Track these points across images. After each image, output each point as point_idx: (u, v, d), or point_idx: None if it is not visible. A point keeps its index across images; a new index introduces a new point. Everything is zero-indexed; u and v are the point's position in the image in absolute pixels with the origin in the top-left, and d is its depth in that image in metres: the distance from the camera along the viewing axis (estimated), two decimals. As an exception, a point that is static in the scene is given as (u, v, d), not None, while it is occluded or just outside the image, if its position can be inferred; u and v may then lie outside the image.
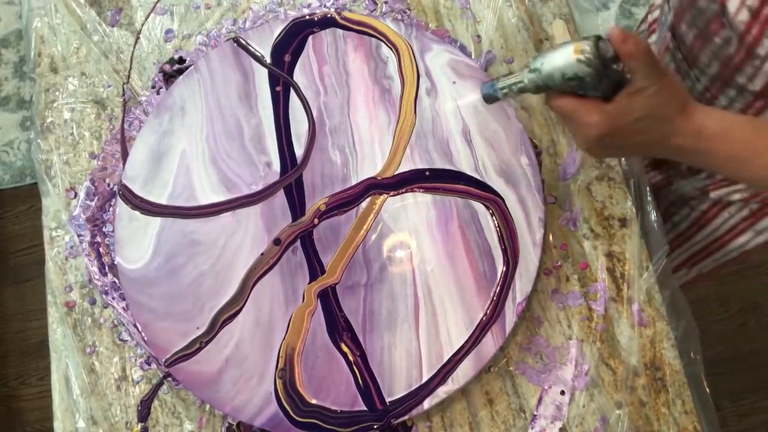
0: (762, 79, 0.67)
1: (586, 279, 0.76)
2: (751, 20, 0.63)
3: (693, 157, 0.57)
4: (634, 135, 0.54)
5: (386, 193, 0.77)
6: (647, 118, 0.53)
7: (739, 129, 0.53)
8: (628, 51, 0.50)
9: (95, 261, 0.78)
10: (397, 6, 0.86)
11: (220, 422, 0.73)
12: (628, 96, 0.52)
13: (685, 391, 0.72)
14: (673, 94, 0.53)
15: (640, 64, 0.51)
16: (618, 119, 0.53)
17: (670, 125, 0.54)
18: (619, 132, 0.53)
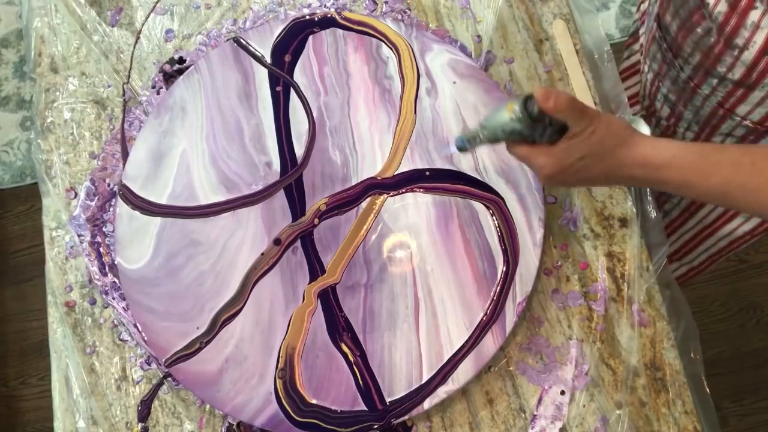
0: (741, 69, 0.68)
1: (586, 279, 0.76)
2: (729, 11, 0.65)
3: (647, 184, 0.62)
4: (581, 171, 0.59)
5: (386, 193, 0.77)
6: (588, 156, 0.58)
7: (685, 156, 0.57)
8: (550, 107, 0.56)
9: (95, 261, 0.78)
10: (398, 6, 0.86)
11: (220, 422, 0.73)
12: (568, 140, 0.58)
13: (685, 391, 0.72)
14: (609, 132, 0.58)
15: (568, 115, 0.57)
16: (563, 160, 0.59)
17: (614, 159, 0.58)
18: (567, 170, 0.59)
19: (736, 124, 0.75)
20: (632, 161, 0.58)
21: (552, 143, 0.59)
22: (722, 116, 0.75)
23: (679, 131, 0.84)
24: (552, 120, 0.58)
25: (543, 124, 0.58)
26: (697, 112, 0.78)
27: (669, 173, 0.57)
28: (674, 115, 0.83)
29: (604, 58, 0.84)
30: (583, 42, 0.84)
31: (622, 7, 1.74)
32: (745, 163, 0.54)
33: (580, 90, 0.82)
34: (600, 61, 0.84)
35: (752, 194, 0.54)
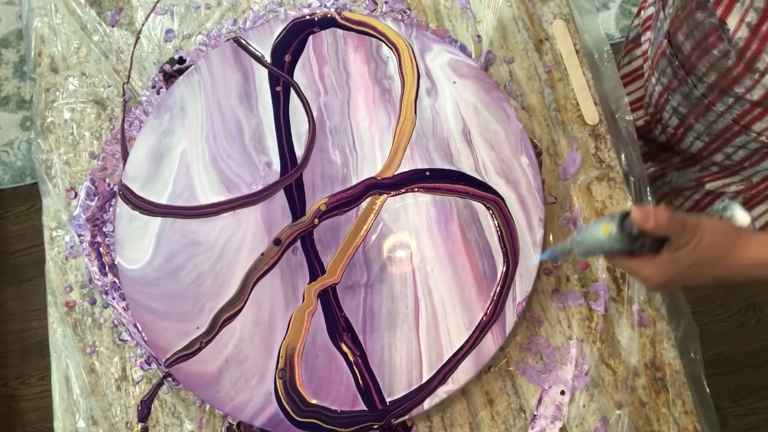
0: (761, 91, 0.68)
1: (586, 279, 0.76)
2: (751, 36, 0.65)
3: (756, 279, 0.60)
4: (691, 277, 0.58)
5: (386, 193, 0.77)
6: (697, 265, 0.57)
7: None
8: (651, 227, 0.54)
9: (95, 261, 0.78)
10: (398, 6, 0.86)
11: (221, 422, 0.73)
12: (672, 252, 0.56)
13: (685, 391, 0.72)
14: (715, 240, 0.57)
15: (669, 231, 0.55)
16: (670, 270, 0.57)
17: (724, 264, 0.57)
18: (676, 277, 0.58)
19: (751, 138, 0.74)
20: (746, 264, 0.57)
21: (655, 252, 0.57)
22: (737, 131, 0.75)
23: (686, 140, 0.84)
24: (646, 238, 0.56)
25: (643, 240, 0.56)
26: (710, 126, 0.78)
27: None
28: (684, 125, 0.82)
29: (604, 58, 0.84)
30: (583, 42, 0.84)
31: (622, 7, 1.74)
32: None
33: (580, 90, 0.82)
34: (600, 61, 0.84)
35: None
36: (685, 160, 0.89)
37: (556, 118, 0.82)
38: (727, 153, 0.79)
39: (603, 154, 0.80)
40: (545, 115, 0.82)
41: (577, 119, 0.81)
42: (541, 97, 0.82)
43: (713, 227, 0.57)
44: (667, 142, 0.88)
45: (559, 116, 0.82)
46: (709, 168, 0.85)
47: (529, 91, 0.83)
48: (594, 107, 0.81)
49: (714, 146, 0.80)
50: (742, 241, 0.57)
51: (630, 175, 0.80)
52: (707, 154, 0.83)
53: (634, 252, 0.57)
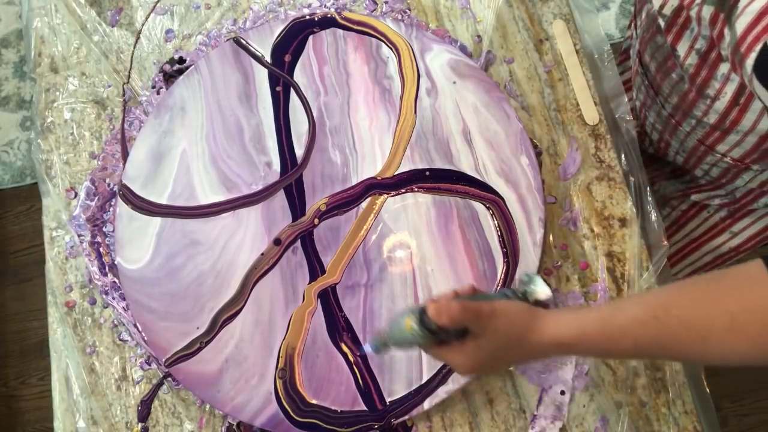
0: (714, 116, 0.68)
1: (586, 279, 0.76)
2: (700, 62, 0.65)
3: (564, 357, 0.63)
4: (497, 362, 0.59)
5: (386, 193, 0.77)
6: (499, 349, 0.57)
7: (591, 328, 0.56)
8: (446, 321, 0.55)
9: (95, 261, 0.78)
10: (398, 6, 0.86)
11: (221, 422, 0.73)
12: (474, 339, 0.57)
13: (685, 391, 0.72)
14: (511, 325, 0.57)
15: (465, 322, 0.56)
16: (476, 356, 0.58)
17: (525, 346, 0.57)
18: (484, 364, 0.59)
19: (718, 159, 0.75)
20: (544, 344, 0.57)
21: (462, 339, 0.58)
22: (704, 151, 0.75)
23: (670, 154, 0.84)
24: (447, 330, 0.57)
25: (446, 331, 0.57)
26: (682, 144, 0.78)
27: (582, 347, 0.57)
28: (663, 141, 0.83)
29: (604, 58, 0.84)
30: (583, 42, 0.84)
31: (622, 7, 1.74)
32: (648, 319, 0.54)
33: (580, 90, 0.82)
34: (600, 61, 0.84)
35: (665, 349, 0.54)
36: (674, 171, 0.90)
37: (556, 118, 0.82)
38: (704, 170, 0.80)
39: (603, 154, 0.80)
40: (545, 115, 0.82)
41: (577, 119, 0.81)
42: (541, 97, 0.82)
43: (507, 311, 0.57)
44: (656, 153, 0.89)
45: (559, 116, 0.82)
46: (696, 181, 0.86)
47: (529, 91, 0.83)
48: (594, 107, 0.81)
49: (691, 162, 0.80)
50: (537, 323, 0.57)
51: (630, 175, 0.80)
52: (689, 169, 0.83)
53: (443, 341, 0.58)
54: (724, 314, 0.51)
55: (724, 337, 0.51)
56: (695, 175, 0.84)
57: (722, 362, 0.53)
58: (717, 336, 0.51)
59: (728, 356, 0.52)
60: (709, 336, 0.51)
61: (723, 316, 0.51)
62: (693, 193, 0.88)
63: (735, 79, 0.63)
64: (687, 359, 0.55)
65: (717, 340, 0.51)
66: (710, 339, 0.51)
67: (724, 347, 0.51)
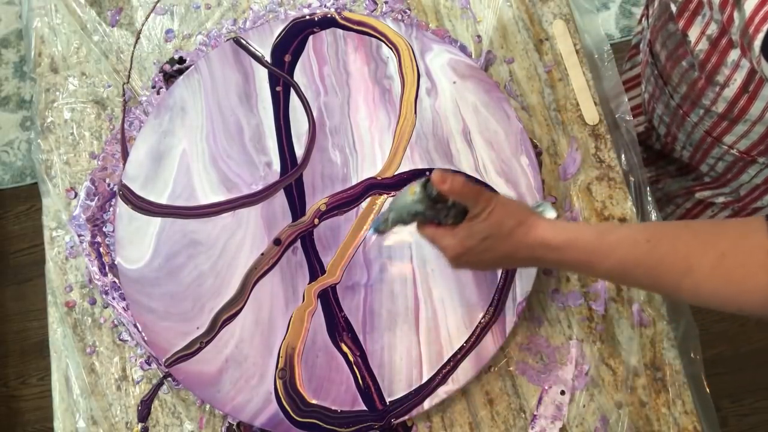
0: (723, 104, 0.68)
1: (586, 279, 0.76)
2: (711, 49, 0.65)
3: (549, 265, 0.62)
4: (484, 252, 0.60)
5: (386, 193, 0.77)
6: (489, 238, 0.58)
7: (583, 237, 0.57)
8: (447, 189, 0.57)
9: (95, 261, 0.78)
10: (398, 6, 0.86)
11: (221, 422, 0.73)
12: (468, 221, 0.59)
13: (685, 391, 0.72)
14: (506, 213, 0.58)
15: (464, 198, 0.58)
16: (465, 241, 0.59)
17: (513, 240, 0.58)
18: (471, 251, 0.60)
19: (724, 151, 0.75)
20: (532, 242, 0.58)
21: (456, 224, 0.59)
22: (711, 143, 0.75)
23: (676, 149, 0.84)
24: (455, 202, 0.58)
25: (445, 206, 0.59)
26: (689, 136, 0.78)
27: (568, 254, 0.57)
28: (670, 134, 0.83)
29: (604, 58, 0.84)
30: (583, 42, 0.84)
31: (622, 7, 1.74)
32: (641, 241, 0.54)
33: (580, 90, 0.82)
34: (600, 61, 0.84)
35: (648, 272, 0.54)
36: (680, 169, 0.89)
37: (556, 118, 0.82)
38: (710, 164, 0.80)
39: (603, 154, 0.80)
40: (545, 115, 0.82)
41: (577, 119, 0.81)
42: (541, 97, 0.82)
43: (506, 203, 0.59)
44: (662, 150, 0.89)
45: (559, 116, 0.82)
46: (702, 178, 0.86)
47: (529, 91, 0.83)
48: (594, 107, 0.81)
49: (698, 157, 0.80)
50: (531, 220, 0.58)
51: (630, 175, 0.80)
52: (695, 164, 0.83)
53: (440, 222, 0.60)
54: (715, 251, 0.50)
55: (708, 273, 0.50)
56: (701, 172, 0.84)
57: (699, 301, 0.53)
58: (702, 270, 0.51)
59: (707, 296, 0.51)
60: (695, 269, 0.51)
61: (713, 253, 0.50)
62: (698, 190, 0.88)
63: (745, 65, 0.63)
64: (665, 291, 0.55)
65: (701, 274, 0.51)
66: (694, 272, 0.51)
67: (705, 284, 0.51)
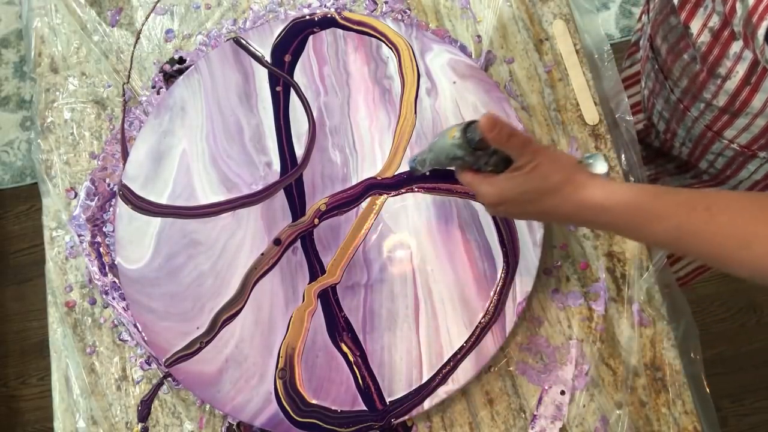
0: (724, 97, 0.68)
1: (586, 279, 0.76)
2: (713, 41, 0.65)
3: (593, 226, 0.59)
4: (524, 205, 0.57)
5: (386, 193, 0.77)
6: (531, 192, 0.56)
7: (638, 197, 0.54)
8: (493, 137, 0.54)
9: (95, 261, 0.78)
10: (398, 6, 0.86)
11: (221, 422, 0.73)
12: (511, 172, 0.57)
13: (685, 391, 0.72)
14: (553, 169, 0.55)
15: (509, 147, 0.55)
16: (505, 191, 0.57)
17: (558, 197, 0.55)
18: (510, 202, 0.58)
19: (725, 146, 0.75)
20: (580, 202, 0.55)
21: (498, 172, 0.57)
22: (711, 138, 0.75)
23: (675, 146, 0.84)
24: (497, 150, 0.56)
25: (486, 153, 0.56)
26: (689, 131, 0.78)
27: (620, 216, 0.54)
28: (669, 131, 0.83)
29: (604, 58, 0.84)
30: (583, 42, 0.84)
31: (622, 7, 1.74)
32: (699, 208, 0.52)
33: (580, 90, 0.82)
34: (600, 61, 0.84)
35: (705, 241, 0.52)
36: (678, 167, 0.89)
37: (556, 118, 0.82)
38: (709, 161, 0.80)
39: (603, 154, 0.80)
40: (545, 115, 0.82)
41: (577, 119, 0.81)
42: (541, 97, 0.82)
43: (554, 156, 0.56)
44: (661, 147, 0.88)
45: (559, 116, 0.82)
46: (701, 176, 0.86)
47: (529, 91, 0.83)
48: (594, 107, 0.81)
49: (697, 153, 0.80)
50: (579, 178, 0.55)
51: (630, 174, 0.80)
52: (694, 161, 0.83)
53: (480, 169, 0.57)
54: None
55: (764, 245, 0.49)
56: (700, 170, 0.84)
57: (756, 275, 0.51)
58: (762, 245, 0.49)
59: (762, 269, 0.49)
60: (754, 243, 0.49)
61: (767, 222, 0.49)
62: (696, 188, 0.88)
63: (747, 57, 0.63)
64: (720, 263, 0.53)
65: (760, 250, 0.49)
66: (753, 246, 0.49)
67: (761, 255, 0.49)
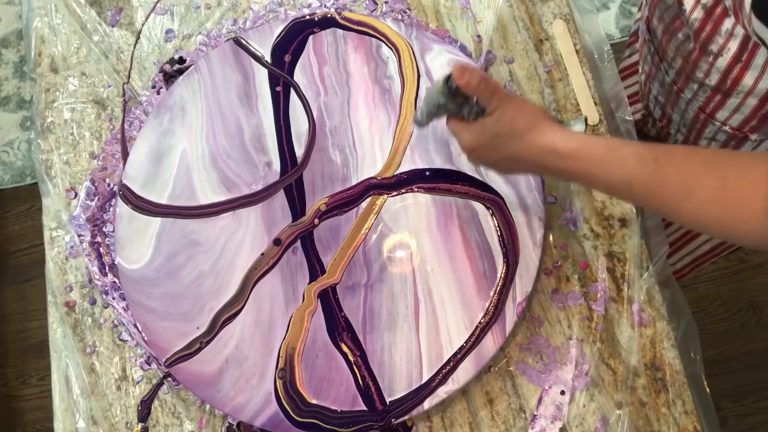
0: (716, 75, 0.69)
1: (586, 279, 0.76)
2: (705, 17, 0.66)
3: (554, 174, 0.62)
4: (494, 151, 0.62)
5: (386, 193, 0.77)
6: (499, 137, 0.60)
7: (592, 148, 0.57)
8: (464, 83, 0.59)
9: (95, 261, 0.78)
10: (398, 6, 0.86)
11: (221, 422, 0.73)
12: (483, 118, 0.61)
13: (686, 391, 0.72)
14: (519, 114, 0.59)
15: (480, 94, 0.60)
16: (478, 137, 0.61)
17: (523, 142, 0.59)
18: (482, 147, 0.62)
19: (717, 129, 0.75)
20: (540, 147, 0.58)
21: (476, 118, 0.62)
22: (704, 121, 0.76)
23: (671, 133, 0.84)
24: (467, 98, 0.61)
25: (468, 102, 0.61)
26: (683, 116, 0.79)
27: (575, 163, 0.57)
28: (665, 117, 0.83)
29: (604, 58, 0.84)
30: (583, 42, 0.84)
31: (622, 7, 1.74)
32: (649, 159, 0.54)
33: (580, 90, 0.82)
34: (600, 61, 0.84)
35: (651, 190, 0.54)
36: None
37: (556, 118, 0.82)
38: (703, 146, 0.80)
39: (603, 154, 0.80)
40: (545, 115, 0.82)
41: (577, 119, 0.81)
42: (541, 97, 0.82)
43: (521, 105, 0.60)
44: (657, 136, 0.89)
45: (560, 116, 0.82)
46: None
47: (529, 91, 0.83)
48: (594, 107, 0.81)
49: (691, 138, 0.81)
50: (543, 126, 0.59)
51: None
52: None
53: (464, 118, 0.63)
54: (718, 176, 0.51)
55: (709, 197, 0.51)
56: None
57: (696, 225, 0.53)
58: (703, 193, 0.51)
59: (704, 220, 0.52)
60: (696, 191, 0.51)
61: (716, 177, 0.51)
62: None
63: (738, 34, 0.64)
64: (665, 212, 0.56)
65: (701, 197, 0.51)
66: (695, 194, 0.51)
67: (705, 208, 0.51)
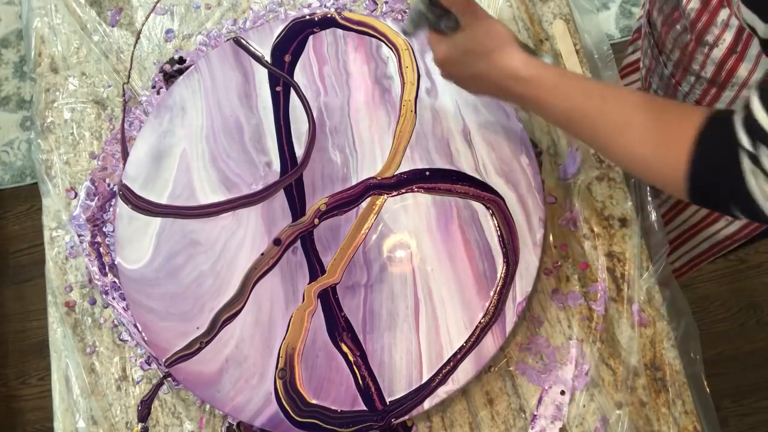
0: (711, 67, 0.70)
1: (586, 279, 0.76)
2: (702, 8, 0.67)
3: (514, 99, 0.64)
4: (463, 67, 0.64)
5: (386, 194, 0.77)
6: (469, 53, 0.62)
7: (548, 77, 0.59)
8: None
9: (95, 261, 0.78)
10: (398, 6, 0.86)
11: (221, 422, 0.73)
12: (456, 33, 0.63)
13: (686, 391, 0.72)
14: (488, 34, 0.61)
15: (456, 8, 0.62)
16: (450, 51, 0.64)
17: (489, 62, 0.61)
18: (453, 62, 0.64)
19: None
20: (503, 68, 0.60)
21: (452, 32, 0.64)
22: None
23: None
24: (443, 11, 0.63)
25: (445, 14, 0.63)
26: None
27: (530, 88, 0.59)
28: None
29: (604, 57, 0.84)
30: (583, 42, 0.84)
31: (622, 7, 1.74)
32: (596, 95, 0.56)
33: (580, 90, 0.82)
34: (600, 61, 0.84)
35: (591, 125, 0.57)
36: None
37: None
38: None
39: (603, 154, 0.80)
40: (545, 115, 0.82)
41: (577, 119, 0.81)
42: (541, 97, 0.82)
43: (492, 24, 0.62)
44: None
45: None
46: None
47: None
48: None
49: None
50: (510, 48, 0.60)
51: (630, 175, 0.80)
52: None
53: (442, 31, 0.64)
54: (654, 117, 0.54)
55: (641, 135, 0.54)
56: None
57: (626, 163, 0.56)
58: (636, 132, 0.54)
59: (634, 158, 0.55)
60: (631, 129, 0.54)
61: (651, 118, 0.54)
62: None
63: (734, 25, 0.65)
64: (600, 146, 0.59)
65: (634, 135, 0.54)
66: (630, 132, 0.54)
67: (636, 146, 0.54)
